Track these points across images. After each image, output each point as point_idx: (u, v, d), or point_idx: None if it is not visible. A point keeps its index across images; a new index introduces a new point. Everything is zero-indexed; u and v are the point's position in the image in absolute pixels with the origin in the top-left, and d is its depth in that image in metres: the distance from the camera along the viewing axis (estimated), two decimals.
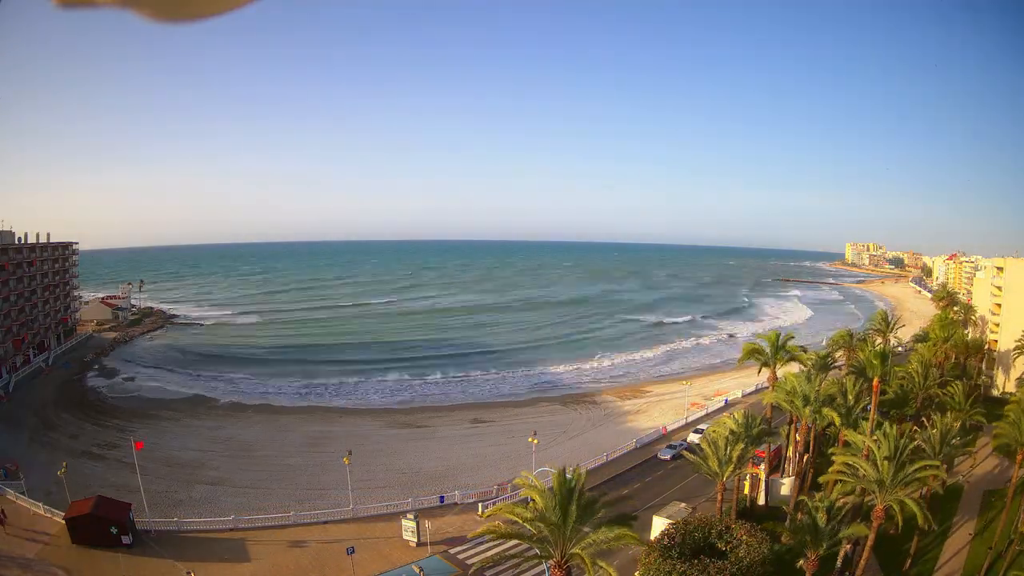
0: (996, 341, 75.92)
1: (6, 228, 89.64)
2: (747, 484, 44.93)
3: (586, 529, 25.89)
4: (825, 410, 43.50)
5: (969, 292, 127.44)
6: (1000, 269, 79.43)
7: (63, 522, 38.27)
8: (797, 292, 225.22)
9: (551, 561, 25.76)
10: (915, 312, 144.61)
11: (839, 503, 32.14)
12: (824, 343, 79.84)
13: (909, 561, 35.26)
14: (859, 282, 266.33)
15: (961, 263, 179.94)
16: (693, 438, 57.13)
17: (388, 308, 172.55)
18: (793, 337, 57.56)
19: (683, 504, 42.28)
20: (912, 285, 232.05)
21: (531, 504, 27.46)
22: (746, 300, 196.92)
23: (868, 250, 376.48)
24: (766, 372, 55.50)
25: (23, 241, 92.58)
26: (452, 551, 38.80)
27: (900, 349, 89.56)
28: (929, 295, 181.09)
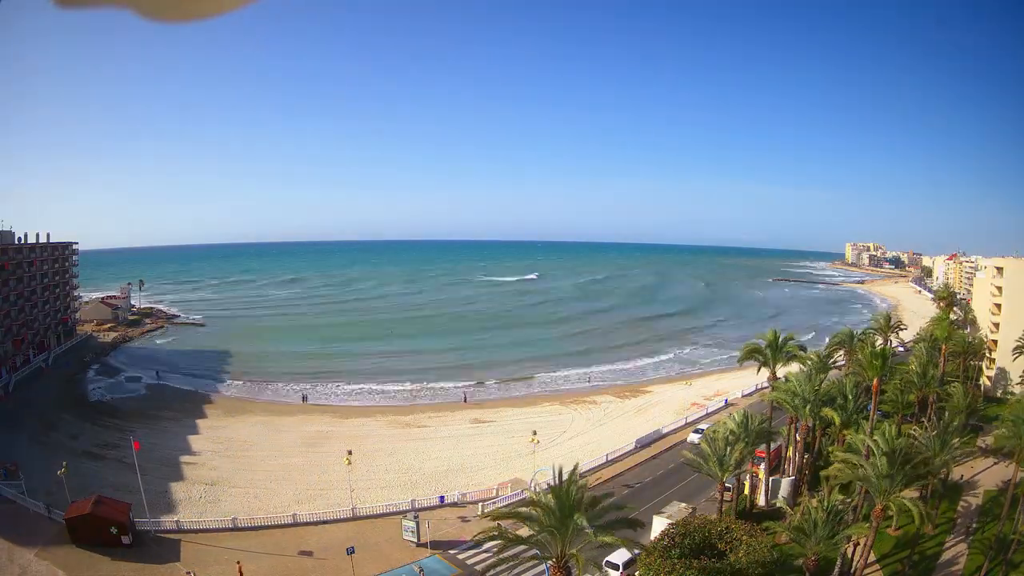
0: (996, 341, 75.87)
1: (6, 228, 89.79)
2: (747, 484, 44.95)
3: (586, 529, 25.90)
4: (825, 410, 43.57)
5: (969, 292, 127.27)
6: (1000, 269, 79.31)
7: (63, 522, 38.25)
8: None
9: (551, 561, 25.81)
10: (915, 312, 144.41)
11: (838, 503, 32.15)
12: (824, 343, 79.84)
13: (909, 561, 35.26)
14: (859, 282, 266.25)
15: (961, 263, 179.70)
16: (693, 438, 57.15)
17: (389, 305, 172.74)
18: (793, 337, 57.68)
19: (683, 504, 42.25)
20: (912, 285, 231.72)
21: (531, 505, 27.47)
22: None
23: (868, 250, 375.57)
24: (766, 372, 55.58)
25: (23, 241, 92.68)
26: (452, 551, 38.85)
27: (900, 349, 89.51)
28: (929, 295, 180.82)
